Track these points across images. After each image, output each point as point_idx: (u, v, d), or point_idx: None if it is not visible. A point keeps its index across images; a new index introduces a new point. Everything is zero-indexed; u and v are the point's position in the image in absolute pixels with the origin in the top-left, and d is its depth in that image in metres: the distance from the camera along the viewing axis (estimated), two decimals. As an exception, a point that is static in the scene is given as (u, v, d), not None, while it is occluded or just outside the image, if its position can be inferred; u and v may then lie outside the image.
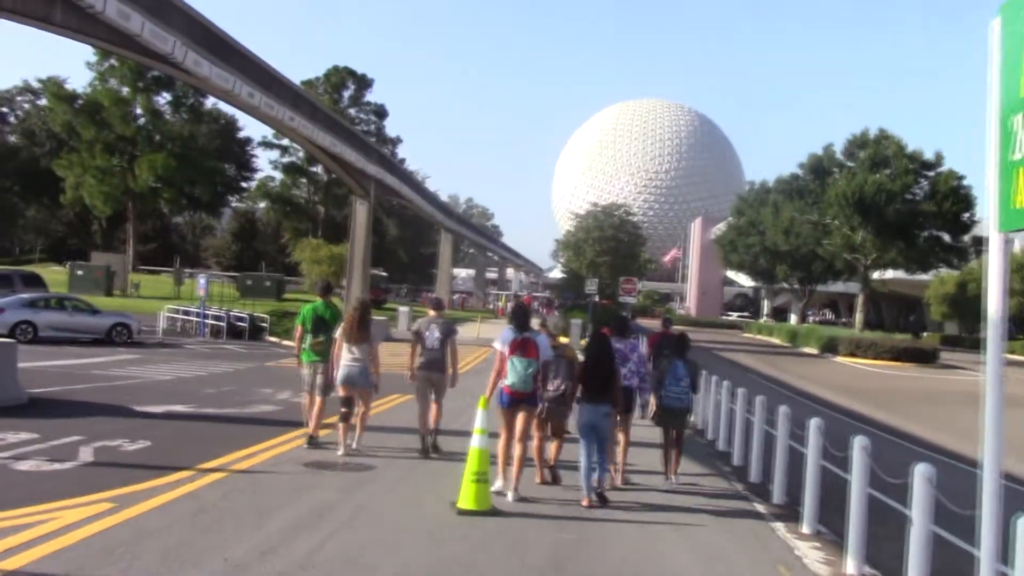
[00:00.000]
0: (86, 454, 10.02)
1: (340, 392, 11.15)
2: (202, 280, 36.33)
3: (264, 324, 35.50)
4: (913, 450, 17.02)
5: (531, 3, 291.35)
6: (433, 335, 11.31)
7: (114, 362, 22.52)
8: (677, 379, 10.96)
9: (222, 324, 34.76)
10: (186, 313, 37.26)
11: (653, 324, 71.06)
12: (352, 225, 43.34)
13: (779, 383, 30.97)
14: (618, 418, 10.63)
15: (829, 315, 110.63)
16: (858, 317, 56.68)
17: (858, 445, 7.43)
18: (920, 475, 6.13)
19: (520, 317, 9.72)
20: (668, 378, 10.99)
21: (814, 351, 52.51)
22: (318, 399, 11.48)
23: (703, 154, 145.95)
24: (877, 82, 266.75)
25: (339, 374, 11.10)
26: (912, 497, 6.19)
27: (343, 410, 11.04)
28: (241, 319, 35.33)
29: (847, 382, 34.39)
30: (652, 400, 11.24)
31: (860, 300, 56.87)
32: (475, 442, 8.67)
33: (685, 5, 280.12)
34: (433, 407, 11.29)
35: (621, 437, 10.87)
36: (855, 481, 7.35)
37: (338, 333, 11.22)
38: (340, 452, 10.84)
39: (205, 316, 35.12)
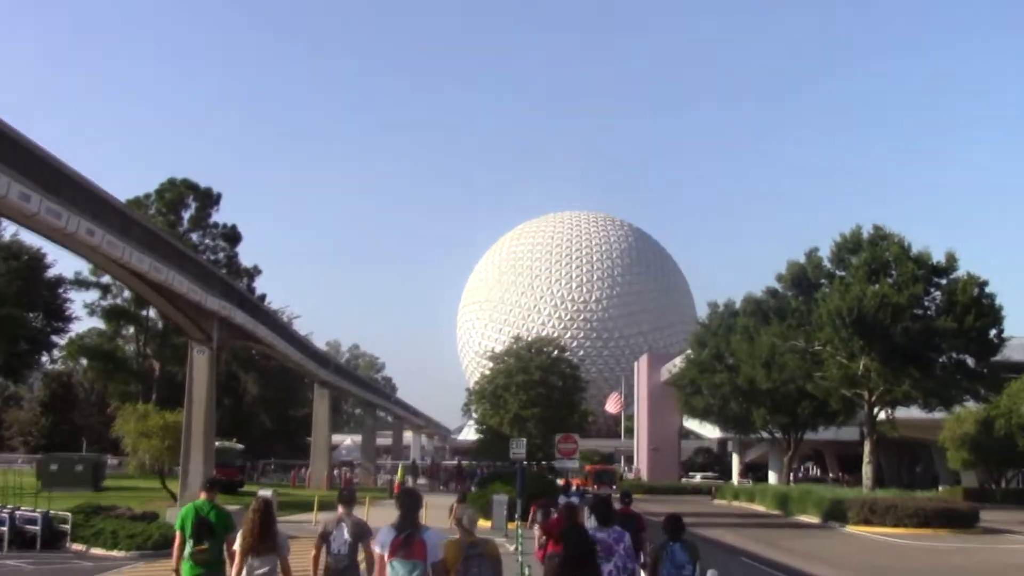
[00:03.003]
0: None
1: None
2: (-29, 469, 32.11)
3: (65, 526, 31.53)
4: None
5: (422, 110, 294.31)
6: (342, 537, 11.15)
7: None
8: (678, 566, 10.94)
9: (2, 529, 30.47)
10: (-47, 517, 32.89)
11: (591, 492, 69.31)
12: (189, 381, 39.75)
13: (789, 570, 27.74)
14: None
15: (815, 470, 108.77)
16: (866, 471, 54.22)
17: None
18: None
19: (407, 506, 9.66)
20: (666, 567, 10.95)
21: (814, 519, 50.15)
22: None
23: (642, 277, 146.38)
24: (850, 175, 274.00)
25: None
26: None
27: None
28: (32, 521, 31.19)
29: (877, 561, 31.88)
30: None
31: (867, 449, 54.56)
32: None
33: (603, 104, 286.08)
34: None
35: None
36: None
37: (237, 543, 11.14)
38: None
39: (-22, 519, 30.86)
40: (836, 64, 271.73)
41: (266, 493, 37.85)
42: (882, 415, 56.43)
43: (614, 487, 55.08)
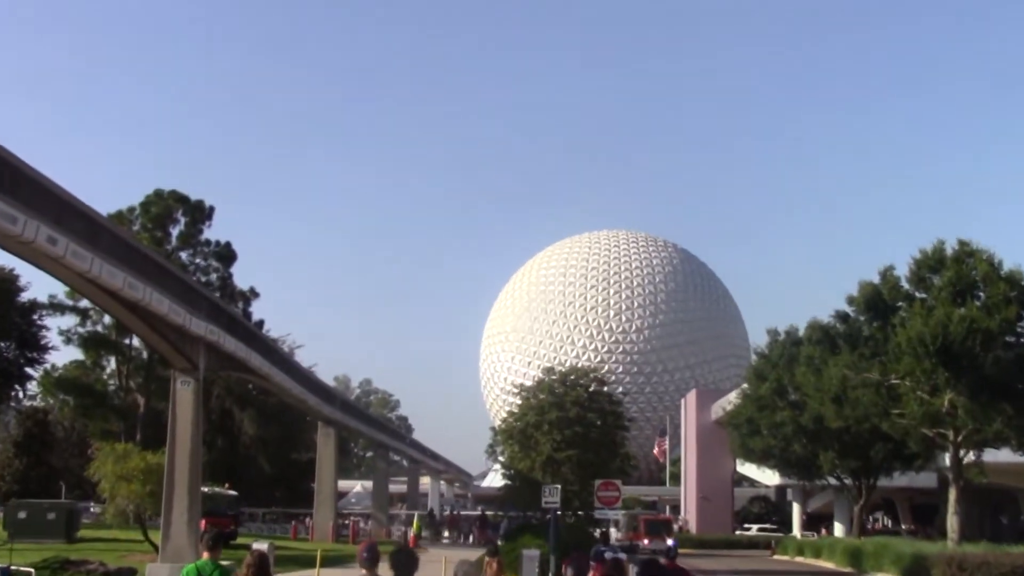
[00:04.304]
0: None
1: None
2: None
3: (27, 584, 30.68)
4: None
5: (444, 121, 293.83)
6: None
7: None
8: None
9: (-48, 589, 29.57)
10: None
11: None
12: (172, 417, 38.38)
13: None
14: None
15: (885, 521, 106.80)
16: (951, 522, 52.15)
17: None
18: None
19: (400, 566, 9.95)
20: None
21: (892, 577, 48.94)
22: None
23: (689, 304, 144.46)
24: (923, 187, 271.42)
25: None
26: None
27: None
28: (-11, 577, 30.13)
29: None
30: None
31: (952, 497, 52.53)
32: None
33: (641, 115, 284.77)
34: None
35: None
36: None
37: None
38: None
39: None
40: (907, 74, 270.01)
41: (261, 546, 36.57)
42: (968, 458, 54.66)
43: (670, 541, 53.10)
